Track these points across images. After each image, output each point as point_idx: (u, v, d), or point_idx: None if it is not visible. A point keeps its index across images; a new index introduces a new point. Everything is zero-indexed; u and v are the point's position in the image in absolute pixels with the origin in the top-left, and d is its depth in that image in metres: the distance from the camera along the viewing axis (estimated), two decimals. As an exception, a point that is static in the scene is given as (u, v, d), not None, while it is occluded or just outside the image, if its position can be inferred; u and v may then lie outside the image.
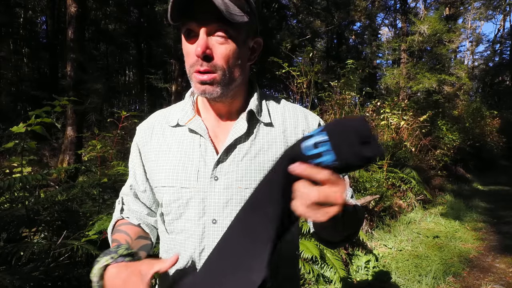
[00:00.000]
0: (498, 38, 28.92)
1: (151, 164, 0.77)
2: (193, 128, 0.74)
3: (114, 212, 0.86)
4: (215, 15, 0.63)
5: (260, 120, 0.76)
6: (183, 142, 0.75)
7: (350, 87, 6.00)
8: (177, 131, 0.77)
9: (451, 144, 8.32)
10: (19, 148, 1.74)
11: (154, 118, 0.82)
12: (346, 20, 17.38)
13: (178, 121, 0.76)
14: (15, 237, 1.78)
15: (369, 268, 3.19)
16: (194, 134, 0.75)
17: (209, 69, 0.66)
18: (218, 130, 0.76)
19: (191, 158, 0.73)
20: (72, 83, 6.79)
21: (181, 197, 0.72)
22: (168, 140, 0.77)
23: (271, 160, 0.74)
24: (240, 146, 0.73)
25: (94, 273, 0.61)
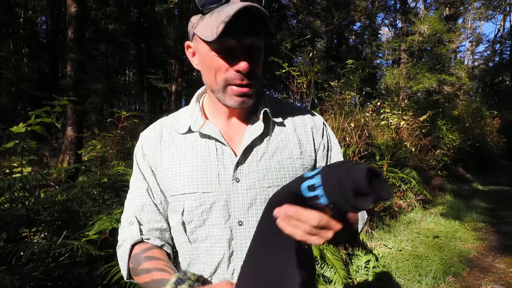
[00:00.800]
0: (498, 38, 28.93)
1: (165, 173, 0.75)
2: (207, 133, 0.74)
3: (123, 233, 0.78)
4: (251, 30, 0.65)
5: (273, 120, 0.78)
6: (198, 148, 0.75)
7: (350, 87, 6.00)
8: (188, 137, 0.76)
9: (451, 144, 8.32)
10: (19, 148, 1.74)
11: (160, 126, 0.81)
12: (346, 20, 17.38)
13: (191, 127, 0.76)
14: (15, 237, 1.78)
15: (369, 268, 3.19)
16: (207, 139, 0.75)
17: (248, 82, 0.68)
18: (231, 133, 0.77)
19: (209, 162, 0.73)
20: (72, 83, 6.79)
21: (204, 202, 0.71)
22: (180, 147, 0.76)
23: (288, 158, 0.76)
24: (257, 146, 0.75)
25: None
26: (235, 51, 0.66)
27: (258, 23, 0.65)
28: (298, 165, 0.77)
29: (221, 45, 0.65)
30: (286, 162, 0.75)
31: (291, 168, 0.75)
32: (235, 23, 0.61)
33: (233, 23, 0.60)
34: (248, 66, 0.65)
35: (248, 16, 0.62)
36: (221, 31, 0.60)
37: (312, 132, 0.82)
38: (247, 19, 0.62)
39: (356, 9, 16.04)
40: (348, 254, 3.30)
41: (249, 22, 0.63)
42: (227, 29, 0.60)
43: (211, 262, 0.72)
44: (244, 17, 0.61)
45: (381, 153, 5.63)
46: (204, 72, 0.72)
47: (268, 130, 0.77)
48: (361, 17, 17.04)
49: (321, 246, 2.81)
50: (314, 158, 0.81)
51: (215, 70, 0.68)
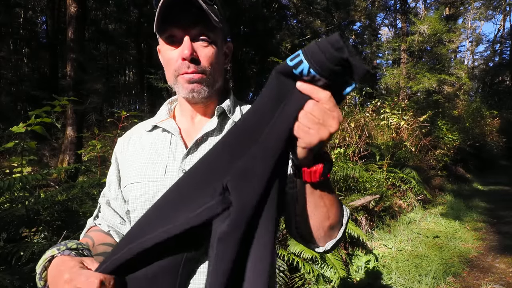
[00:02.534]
0: (498, 38, 28.92)
1: (125, 167, 0.80)
2: (165, 127, 0.77)
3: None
4: (197, 21, 0.68)
5: (231, 117, 0.79)
6: (155, 142, 0.78)
7: (350, 87, 5.99)
8: (152, 134, 0.80)
9: (451, 144, 8.32)
10: (19, 148, 1.74)
11: (133, 129, 0.86)
12: (346, 20, 17.38)
13: (152, 123, 0.80)
14: (15, 237, 1.78)
15: (369, 268, 3.19)
16: (166, 133, 0.78)
17: (195, 70, 0.70)
18: (191, 130, 0.79)
19: (161, 154, 0.76)
20: (72, 83, 6.79)
21: (147, 191, 0.72)
22: (143, 142, 0.80)
23: None
24: (211, 139, 0.76)
25: (39, 264, 0.59)
26: (180, 41, 0.69)
27: (199, 11, 0.66)
28: None
29: (168, 36, 0.69)
30: None
31: None
32: (174, 11, 0.65)
33: (169, 10, 0.64)
34: (190, 52, 0.67)
35: (182, 5, 0.64)
36: (157, 19, 0.64)
37: None
38: (187, 7, 0.65)
39: (356, 9, 16.04)
40: (348, 254, 3.30)
41: (190, 10, 0.66)
42: (164, 17, 0.64)
43: None
44: (183, 5, 0.64)
45: (381, 153, 5.63)
46: (164, 67, 0.75)
47: (225, 126, 0.78)
48: (361, 17, 17.04)
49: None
50: None
51: (167, 63, 0.72)
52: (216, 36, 0.72)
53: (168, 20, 0.66)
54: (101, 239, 0.77)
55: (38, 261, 0.59)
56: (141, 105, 14.85)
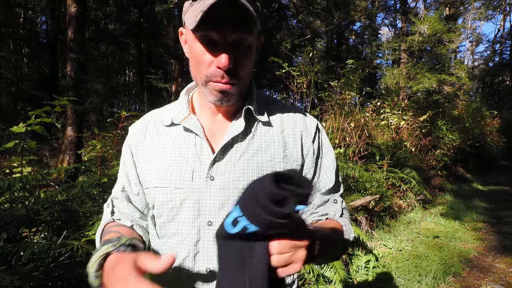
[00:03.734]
0: (498, 38, 28.94)
1: (144, 165, 0.74)
2: (188, 126, 0.72)
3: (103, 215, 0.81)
4: (239, 25, 0.61)
5: (258, 118, 0.75)
6: (178, 142, 0.73)
7: (350, 87, 6.00)
8: (172, 130, 0.75)
9: (451, 144, 8.32)
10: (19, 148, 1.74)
11: (148, 118, 0.80)
12: (346, 20, 17.38)
13: (173, 120, 0.74)
14: (15, 237, 1.78)
15: (369, 268, 3.19)
16: (189, 133, 0.73)
17: (229, 81, 0.65)
18: (215, 129, 0.74)
19: (186, 157, 0.71)
20: (72, 83, 6.80)
21: (174, 198, 0.69)
22: (162, 140, 0.74)
23: (269, 160, 0.72)
24: (238, 145, 0.72)
25: (92, 261, 0.56)
26: (217, 45, 0.63)
27: (244, 17, 0.60)
28: (280, 169, 0.73)
29: (203, 36, 0.63)
30: (266, 165, 0.72)
31: (270, 171, 0.71)
32: (216, 14, 0.58)
33: (212, 13, 0.58)
34: (227, 64, 0.62)
35: (232, 8, 0.58)
36: (199, 20, 0.58)
37: (301, 135, 0.78)
38: (231, 11, 0.59)
39: (356, 9, 16.04)
40: (348, 254, 3.30)
41: (233, 14, 0.60)
42: (205, 19, 0.58)
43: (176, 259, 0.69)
44: (226, 9, 0.58)
45: (381, 153, 5.63)
46: (191, 62, 0.70)
47: (252, 128, 0.74)
48: (361, 17, 17.04)
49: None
50: (300, 163, 0.77)
51: (199, 62, 0.66)
52: (253, 38, 0.66)
53: (209, 21, 0.59)
54: (129, 233, 0.72)
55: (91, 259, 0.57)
56: (141, 105, 14.84)
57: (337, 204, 0.80)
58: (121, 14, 16.09)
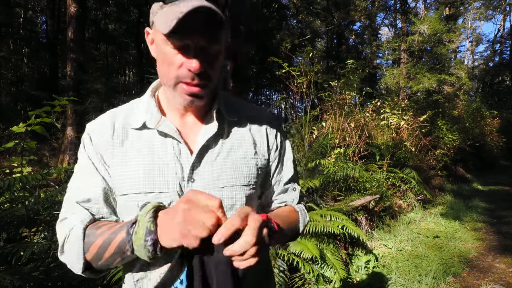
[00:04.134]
0: (498, 38, 28.92)
1: (118, 170, 0.70)
2: (163, 130, 0.72)
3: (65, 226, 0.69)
4: (209, 30, 0.63)
5: (228, 119, 0.78)
6: (154, 145, 0.72)
7: (350, 87, 6.00)
8: (144, 133, 0.73)
9: (451, 144, 8.31)
10: (19, 148, 1.74)
11: (111, 119, 0.75)
12: (346, 20, 17.37)
13: (146, 124, 0.73)
14: (15, 237, 1.78)
15: (369, 268, 3.19)
16: (164, 136, 0.73)
17: (199, 83, 0.66)
18: (187, 131, 0.75)
19: (165, 161, 0.71)
20: (72, 83, 6.80)
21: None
22: (135, 144, 0.72)
23: (242, 158, 0.77)
24: (212, 146, 0.74)
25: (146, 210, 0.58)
26: (189, 49, 0.64)
27: (214, 25, 0.63)
28: (252, 165, 0.77)
29: (175, 40, 0.64)
30: (241, 162, 0.76)
31: (245, 167, 0.76)
32: (190, 21, 0.60)
33: (186, 20, 0.59)
34: (199, 67, 0.63)
35: (204, 16, 0.60)
36: (173, 27, 0.59)
37: (266, 131, 0.82)
38: (202, 20, 0.61)
39: (356, 9, 16.04)
40: (348, 254, 3.30)
41: (204, 23, 0.62)
42: (179, 26, 0.59)
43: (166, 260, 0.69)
44: (198, 17, 0.60)
45: (381, 153, 5.63)
46: (158, 63, 0.70)
47: (223, 129, 0.77)
48: (361, 17, 17.04)
49: (320, 246, 2.81)
50: (267, 157, 0.82)
51: (168, 63, 0.66)
52: (222, 42, 0.67)
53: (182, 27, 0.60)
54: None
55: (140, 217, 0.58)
56: (141, 105, 14.82)
57: (295, 192, 0.88)
58: (121, 14, 16.09)
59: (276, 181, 0.85)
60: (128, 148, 0.72)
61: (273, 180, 0.85)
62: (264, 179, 0.83)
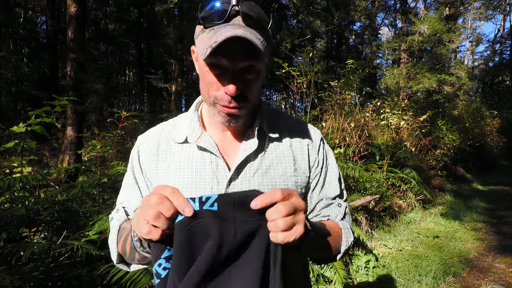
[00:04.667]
0: (498, 38, 28.94)
1: (158, 183, 0.75)
2: (203, 145, 0.74)
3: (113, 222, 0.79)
4: (247, 53, 0.63)
5: (269, 135, 0.78)
6: (193, 160, 0.74)
7: (350, 87, 6.00)
8: (185, 147, 0.76)
9: (451, 144, 8.32)
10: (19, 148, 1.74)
11: (158, 134, 0.80)
12: (346, 20, 17.38)
13: (187, 139, 0.76)
14: (15, 237, 1.78)
15: (369, 268, 3.19)
16: (203, 151, 0.75)
17: (236, 105, 0.68)
18: (227, 146, 0.77)
19: (203, 175, 0.73)
20: (72, 83, 6.80)
21: None
22: (176, 157, 0.76)
23: (281, 175, 0.76)
24: (251, 162, 0.74)
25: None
26: (227, 71, 0.65)
27: (251, 53, 0.63)
28: (291, 183, 0.76)
29: (214, 63, 0.65)
30: (279, 180, 0.75)
31: (283, 185, 0.75)
32: (226, 47, 0.60)
33: (222, 48, 0.60)
34: (235, 91, 0.64)
35: (240, 43, 0.60)
36: (207, 55, 0.60)
37: (307, 148, 0.81)
38: (240, 45, 0.61)
39: (356, 9, 16.04)
40: (348, 254, 3.30)
41: (241, 48, 0.62)
42: (213, 55, 0.61)
43: None
44: (235, 44, 0.60)
45: (381, 153, 5.63)
46: (200, 81, 0.72)
47: (263, 146, 0.77)
48: (361, 17, 17.04)
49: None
50: (308, 175, 0.80)
51: (208, 84, 0.68)
52: (262, 64, 0.68)
53: (219, 51, 0.61)
54: None
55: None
56: (141, 105, 14.83)
57: (340, 208, 0.83)
58: (121, 14, 16.09)
59: (320, 199, 0.82)
60: (170, 162, 0.76)
61: (316, 198, 0.82)
62: (304, 197, 0.82)
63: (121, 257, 0.76)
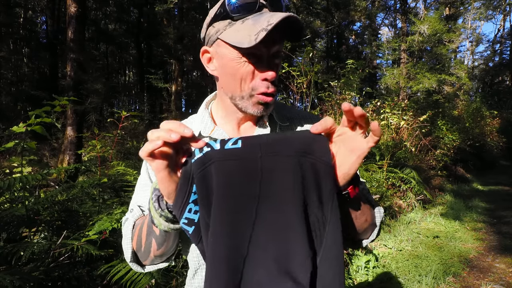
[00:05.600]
0: (498, 38, 28.94)
1: None
2: (217, 137, 0.75)
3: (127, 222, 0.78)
4: (281, 37, 0.66)
5: (280, 123, 0.79)
6: None
7: (350, 87, 6.00)
8: None
9: (451, 144, 8.32)
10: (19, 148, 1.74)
11: None
12: (346, 20, 17.38)
13: (201, 132, 0.77)
14: (15, 237, 1.78)
15: (369, 268, 3.19)
16: None
17: (273, 91, 0.69)
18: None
19: None
20: (72, 83, 6.80)
21: None
22: None
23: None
24: None
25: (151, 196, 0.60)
26: (263, 59, 0.67)
27: (295, 32, 0.66)
28: None
29: (252, 52, 0.66)
30: None
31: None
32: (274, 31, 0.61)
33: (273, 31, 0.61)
34: (275, 75, 0.67)
35: (286, 25, 0.62)
36: (262, 39, 0.60)
37: None
38: (285, 28, 0.63)
39: (356, 9, 16.04)
40: (348, 254, 3.30)
41: (285, 30, 0.64)
42: (266, 37, 0.61)
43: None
44: (282, 26, 0.62)
45: (381, 153, 5.63)
46: (225, 78, 0.71)
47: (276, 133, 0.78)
48: (361, 17, 17.04)
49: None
50: None
51: (242, 77, 0.68)
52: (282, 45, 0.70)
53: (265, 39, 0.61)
54: None
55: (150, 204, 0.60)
56: (141, 105, 14.83)
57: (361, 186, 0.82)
58: (121, 14, 16.09)
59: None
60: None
61: None
62: None
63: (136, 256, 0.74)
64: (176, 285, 1.75)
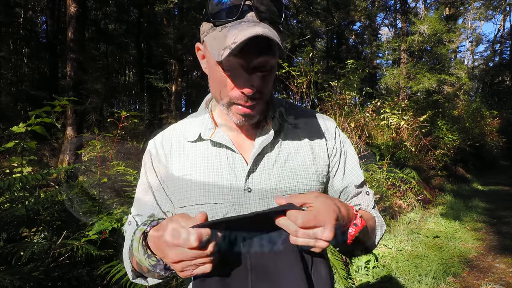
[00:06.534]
0: (498, 38, 28.93)
1: (175, 184, 0.73)
2: (218, 140, 0.72)
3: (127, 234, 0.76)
4: (263, 49, 0.61)
5: (284, 125, 0.76)
6: (208, 156, 0.73)
7: (350, 87, 6.00)
8: (199, 145, 0.74)
9: (451, 144, 8.31)
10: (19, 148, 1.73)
11: (170, 134, 0.79)
12: (346, 20, 17.37)
13: (201, 135, 0.74)
14: (15, 237, 1.78)
15: (369, 268, 3.19)
16: (218, 147, 0.73)
17: (252, 104, 0.66)
18: (242, 140, 0.75)
19: (220, 172, 0.71)
20: (72, 83, 6.81)
21: (216, 213, 0.69)
22: (191, 156, 0.74)
23: (300, 165, 0.74)
24: (268, 153, 0.73)
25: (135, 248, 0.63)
26: (242, 71, 0.63)
27: (268, 50, 0.61)
28: (312, 172, 0.74)
29: (228, 64, 0.62)
30: (299, 169, 0.73)
31: (304, 175, 0.73)
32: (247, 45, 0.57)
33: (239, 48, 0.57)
34: (251, 91, 0.63)
35: (257, 40, 0.57)
36: (225, 56, 0.57)
37: (324, 136, 0.79)
38: (256, 43, 0.58)
39: (356, 9, 16.03)
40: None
41: (259, 46, 0.60)
42: (231, 54, 0.58)
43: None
44: (251, 41, 0.57)
45: (381, 153, 5.63)
46: (210, 81, 0.70)
47: (279, 136, 0.75)
48: (361, 17, 17.03)
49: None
50: (327, 163, 0.78)
51: (220, 84, 0.66)
52: (275, 59, 0.65)
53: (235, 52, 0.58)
54: None
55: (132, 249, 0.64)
56: (141, 105, 14.82)
57: (369, 196, 0.81)
58: (121, 14, 16.08)
59: (344, 186, 0.80)
60: (184, 161, 0.74)
61: (339, 185, 0.80)
62: (325, 186, 0.80)
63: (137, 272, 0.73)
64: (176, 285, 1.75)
